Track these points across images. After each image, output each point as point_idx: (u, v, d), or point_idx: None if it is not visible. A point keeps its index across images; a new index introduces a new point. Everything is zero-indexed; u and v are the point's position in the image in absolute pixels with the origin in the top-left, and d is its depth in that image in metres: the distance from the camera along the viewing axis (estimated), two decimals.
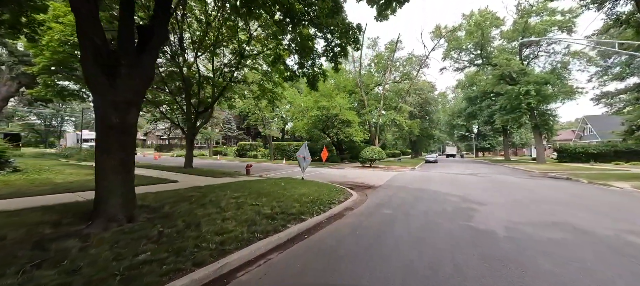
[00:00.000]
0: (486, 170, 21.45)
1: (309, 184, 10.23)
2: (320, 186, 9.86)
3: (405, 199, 8.04)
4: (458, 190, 9.79)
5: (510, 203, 7.53)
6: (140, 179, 11.02)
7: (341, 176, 15.20)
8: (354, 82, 28.96)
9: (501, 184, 11.89)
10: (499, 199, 8.19)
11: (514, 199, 8.16)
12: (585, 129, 48.64)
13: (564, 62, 29.61)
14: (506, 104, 30.55)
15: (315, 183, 10.75)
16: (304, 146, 12.93)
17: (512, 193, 9.36)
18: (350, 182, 12.71)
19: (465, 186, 10.95)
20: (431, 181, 12.88)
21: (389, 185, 11.54)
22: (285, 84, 21.71)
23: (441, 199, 8.01)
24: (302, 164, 12.70)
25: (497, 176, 15.59)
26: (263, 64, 17.79)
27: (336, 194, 8.45)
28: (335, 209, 6.53)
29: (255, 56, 15.18)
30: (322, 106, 22.73)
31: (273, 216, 5.35)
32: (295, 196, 7.55)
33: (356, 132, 23.86)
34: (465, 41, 32.32)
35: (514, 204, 7.45)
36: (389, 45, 29.66)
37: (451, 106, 64.10)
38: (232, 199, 6.78)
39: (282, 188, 9.01)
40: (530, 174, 18.74)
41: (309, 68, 11.02)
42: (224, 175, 13.77)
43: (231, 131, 51.00)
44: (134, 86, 4.85)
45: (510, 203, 7.62)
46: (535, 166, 25.20)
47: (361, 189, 10.38)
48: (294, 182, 10.83)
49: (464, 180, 13.42)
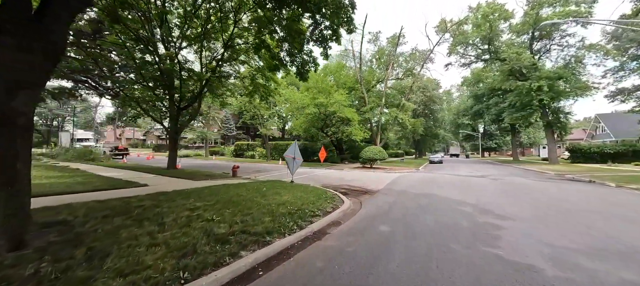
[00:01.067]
0: (496, 171, 19.84)
1: (295, 190, 8.82)
2: (307, 192, 8.44)
3: (408, 209, 6.58)
4: (470, 196, 8.29)
5: (539, 215, 6.03)
6: (105, 182, 9.75)
7: (337, 179, 13.76)
8: (354, 79, 27.47)
9: (518, 189, 10.34)
10: (522, 209, 6.68)
11: (541, 210, 6.66)
12: (598, 128, 46.59)
13: (578, 56, 27.78)
14: (516, 101, 28.84)
15: (303, 188, 9.33)
16: (294, 145, 11.53)
17: (535, 201, 7.83)
18: (346, 186, 11.27)
19: (477, 191, 9.44)
20: (437, 185, 11.37)
21: (389, 190, 10.08)
22: (280, 80, 20.36)
23: (451, 209, 6.53)
24: (292, 165, 11.30)
25: (510, 179, 14.01)
26: (255, 57, 16.43)
27: (324, 202, 7.04)
28: (316, 225, 5.11)
29: (241, 49, 13.77)
30: (320, 102, 21.28)
31: (226, 239, 3.95)
32: (271, 206, 6.15)
33: (356, 131, 22.37)
34: (472, 35, 30.64)
35: (543, 216, 5.96)
36: (391, 39, 28.09)
37: (456, 105, 62.27)
38: (187, 211, 5.39)
39: (262, 195, 7.61)
40: (546, 176, 17.11)
41: (298, 55, 9.59)
42: (207, 177, 12.44)
43: (229, 130, 49.79)
44: (29, 61, 3.49)
45: (539, 214, 6.12)
46: (548, 167, 23.49)
47: (356, 195, 8.93)
48: (279, 186, 9.42)
49: (475, 184, 11.88)
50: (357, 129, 22.68)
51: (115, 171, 14.23)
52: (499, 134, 58.82)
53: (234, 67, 18.36)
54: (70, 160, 22.07)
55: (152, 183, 10.09)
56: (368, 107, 25.64)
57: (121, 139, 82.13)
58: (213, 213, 5.29)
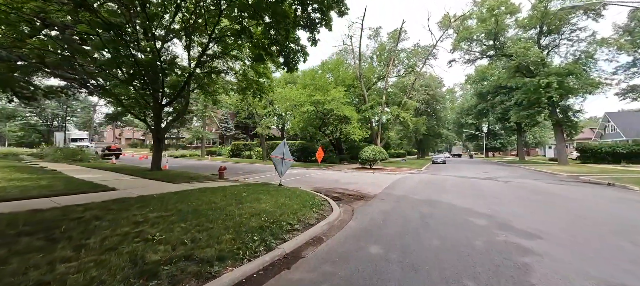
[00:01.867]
0: (504, 173, 18.63)
1: (280, 195, 7.75)
2: (293, 198, 7.37)
3: (407, 221, 5.47)
4: (481, 204, 7.16)
5: (571, 232, 4.86)
6: (70, 186, 8.73)
7: (333, 181, 12.67)
8: (354, 76, 26.33)
9: (534, 194, 9.17)
10: (546, 221, 5.54)
11: (569, 223, 5.51)
12: (607, 127, 45.09)
13: (589, 52, 26.39)
14: (523, 99, 27.58)
15: (290, 193, 8.26)
16: (282, 144, 10.45)
17: (558, 210, 6.69)
18: (340, 189, 10.18)
19: (488, 197, 8.29)
20: (442, 188, 10.23)
21: (387, 194, 8.96)
22: (273, 75, 19.31)
23: (461, 221, 5.40)
24: (280, 167, 10.22)
25: (522, 182, 12.81)
26: (246, 51, 15.36)
27: (309, 211, 5.97)
28: (291, 244, 4.03)
29: (231, 44, 12.67)
30: (316, 100, 20.18)
31: (155, 270, 2.88)
32: (243, 217, 5.10)
33: (354, 130, 21.22)
34: (477, 30, 29.34)
35: (576, 233, 4.80)
36: (392, 33, 26.90)
37: (459, 104, 60.87)
38: (130, 225, 4.33)
39: (237, 202, 6.55)
40: (558, 178, 15.88)
41: (284, 43, 8.49)
42: (189, 180, 11.43)
43: (228, 130, 48.84)
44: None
45: (570, 231, 4.95)
46: (558, 168, 22.22)
47: (349, 201, 7.84)
48: (263, 191, 8.36)
49: (484, 187, 10.72)
50: (356, 128, 21.53)
51: (95, 172, 13.25)
52: (504, 133, 57.43)
53: (227, 63, 17.33)
54: (57, 160, 21.18)
55: (124, 186, 9.07)
56: (368, 105, 24.46)
57: (121, 139, 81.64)
58: (161, 228, 4.23)
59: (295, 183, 11.95)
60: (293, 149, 28.50)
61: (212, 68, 16.18)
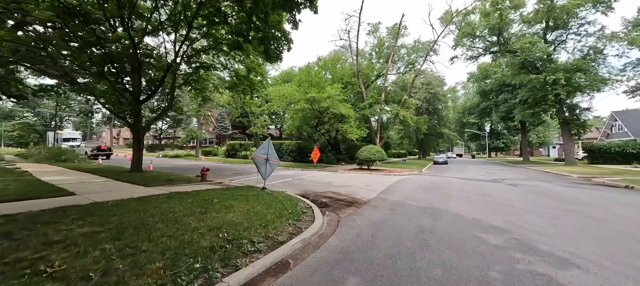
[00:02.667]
0: (511, 174, 17.52)
1: (258, 201, 6.74)
2: (271, 205, 6.36)
3: (401, 238, 4.43)
4: (492, 213, 6.09)
5: (620, 257, 3.71)
6: (26, 189, 7.72)
7: (325, 184, 11.63)
8: (352, 73, 25.25)
9: (552, 200, 8.05)
10: (582, 240, 4.41)
11: (605, 242, 4.43)
12: (614, 126, 43.72)
13: (597, 48, 25.19)
14: (528, 97, 26.46)
15: (271, 198, 7.23)
16: (266, 143, 9.42)
17: (588, 222, 5.57)
18: (331, 193, 9.14)
19: (500, 205, 7.19)
20: (445, 194, 9.16)
21: (382, 200, 7.92)
22: (264, 70, 18.31)
23: (470, 239, 4.32)
24: (263, 169, 9.18)
25: (532, 185, 11.67)
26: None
27: (283, 223, 4.97)
28: (239, 276, 2.99)
29: (216, 35, 11.65)
30: (311, 97, 19.13)
31: None
32: (197, 233, 4.11)
33: (351, 129, 20.14)
34: (480, 26, 28.21)
35: (629, 260, 3.70)
36: (392, 28, 25.80)
37: (462, 103, 59.64)
38: (42, 245, 3.32)
39: (203, 211, 5.56)
40: (570, 180, 14.78)
41: (265, 28, 7.46)
42: (167, 182, 10.45)
43: (225, 129, 47.89)
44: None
45: (618, 255, 3.79)
46: (566, 169, 21.07)
47: (338, 208, 6.81)
48: (240, 197, 7.34)
49: (493, 191, 9.62)
50: (353, 126, 20.45)
51: (70, 174, 12.30)
52: (507, 133, 56.22)
53: (216, 58, 16.33)
54: (41, 161, 20.27)
55: (87, 190, 8.07)
56: (366, 103, 23.38)
57: (118, 139, 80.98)
58: (74, 252, 3.20)
59: (283, 186, 10.93)
60: (289, 149, 27.48)
61: (200, 63, 15.21)
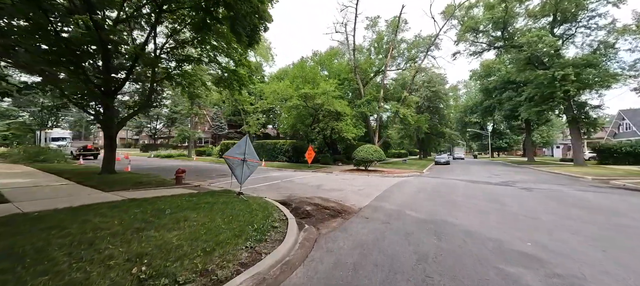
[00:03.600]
0: (519, 176, 16.24)
1: (222, 212, 5.53)
2: (235, 218, 5.13)
3: (395, 272, 3.19)
4: (516, 230, 4.78)
5: None
6: None
7: (314, 188, 10.38)
8: (349, 68, 23.97)
9: (580, 209, 6.73)
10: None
11: None
12: (621, 125, 42.34)
13: (608, 42, 23.84)
14: (535, 94, 25.12)
15: (242, 207, 6.04)
16: (243, 142, 8.17)
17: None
18: (319, 199, 7.89)
19: (521, 216, 5.88)
20: (450, 200, 7.90)
21: (376, 208, 6.67)
22: (256, 64, 17.09)
23: (492, 278, 3.01)
24: (239, 171, 7.92)
25: (549, 189, 10.33)
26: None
27: (240, 245, 3.76)
28: None
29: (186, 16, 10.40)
30: (304, 93, 17.87)
31: None
32: (106, 265, 2.88)
33: (347, 128, 18.86)
34: (484, 19, 26.88)
35: None
36: (392, 21, 24.49)
37: (463, 102, 58.24)
38: None
39: (139, 227, 4.34)
40: (585, 182, 13.50)
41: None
42: (135, 186, 9.27)
43: (220, 129, 46.67)
44: None
45: None
46: (576, 170, 19.76)
47: (320, 220, 5.57)
48: (204, 205, 6.13)
49: (506, 197, 8.32)
50: (349, 125, 19.16)
51: (31, 176, 11.09)
52: (510, 132, 54.89)
53: (208, 53, 15.10)
54: (17, 161, 19.10)
55: (32, 197, 6.86)
56: (363, 99, 22.09)
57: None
58: None
59: (267, 190, 9.70)
60: (283, 148, 26.22)
61: (183, 56, 14.00)
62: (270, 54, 26.54)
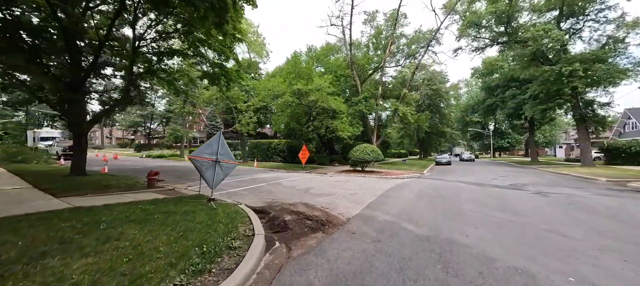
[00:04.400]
0: (527, 178, 15.12)
1: (175, 225, 4.46)
2: (183, 236, 4.06)
3: None
4: (547, 256, 3.60)
5: None
6: None
7: (301, 192, 9.29)
8: (346, 64, 22.86)
9: (613, 221, 5.56)
10: None
11: None
12: (627, 124, 41.23)
13: (617, 37, 22.70)
14: (541, 91, 23.97)
15: (203, 218, 4.98)
16: (215, 139, 7.11)
17: None
18: (302, 206, 6.80)
19: (545, 232, 4.68)
20: (455, 208, 6.80)
21: (367, 219, 5.58)
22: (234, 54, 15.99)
23: None
24: (210, 174, 6.84)
25: (564, 194, 9.18)
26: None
27: (164, 283, 2.62)
28: None
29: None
30: (297, 90, 16.76)
31: None
32: None
33: (342, 126, 17.73)
34: (486, 14, 25.75)
35: None
36: (391, 15, 23.35)
37: (465, 101, 57.10)
38: None
39: (55, 249, 3.24)
40: (601, 184, 12.38)
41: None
42: (99, 190, 8.24)
43: (216, 128, 45.58)
44: None
45: None
46: (585, 171, 18.64)
47: (297, 236, 4.49)
48: (159, 215, 5.05)
49: (520, 205, 7.19)
50: (345, 123, 18.03)
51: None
52: (512, 132, 53.77)
53: (190, 42, 14.01)
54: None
55: None
56: (361, 96, 20.97)
57: (111, 139, 78.91)
58: None
59: (249, 195, 8.62)
60: (279, 148, 25.12)
61: (166, 49, 12.92)
62: (266, 50, 25.46)
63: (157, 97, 48.85)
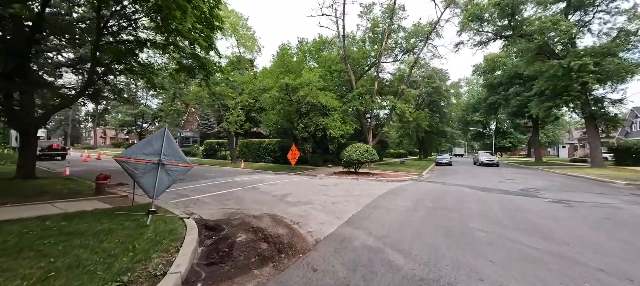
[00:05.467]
0: (536, 181, 13.68)
1: (62, 256, 3.02)
2: (60, 271, 2.60)
3: None
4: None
5: None
6: None
7: (277, 198, 7.89)
8: (340, 58, 21.45)
9: None
10: None
11: None
12: (634, 123, 39.78)
13: (629, 30, 21.23)
14: (547, 88, 22.55)
15: (103, 247, 3.56)
16: (158, 135, 5.70)
17: None
18: (268, 219, 5.39)
19: (595, 270, 3.24)
20: (461, 225, 5.38)
21: (343, 242, 4.19)
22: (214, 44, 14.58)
23: None
24: (150, 180, 5.42)
25: (591, 202, 7.76)
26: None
27: None
28: None
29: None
30: (285, 84, 15.34)
31: None
32: None
33: (334, 124, 16.30)
34: (489, 6, 24.33)
35: None
36: (388, 6, 21.90)
37: (466, 100, 55.64)
38: None
39: None
40: (618, 188, 10.95)
41: None
42: (33, 197, 6.85)
43: (209, 128, 44.17)
44: None
45: None
46: (597, 172, 17.22)
47: (235, 272, 3.07)
48: (55, 238, 3.64)
49: (544, 220, 5.68)
50: (337, 120, 16.59)
51: None
52: (514, 131, 52.35)
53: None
54: None
55: None
56: (355, 92, 19.54)
57: (105, 139, 77.52)
58: None
59: (212, 202, 7.22)
60: (270, 148, 23.71)
61: (133, 39, 11.54)
62: (257, 45, 24.03)
63: (149, 95, 47.46)
